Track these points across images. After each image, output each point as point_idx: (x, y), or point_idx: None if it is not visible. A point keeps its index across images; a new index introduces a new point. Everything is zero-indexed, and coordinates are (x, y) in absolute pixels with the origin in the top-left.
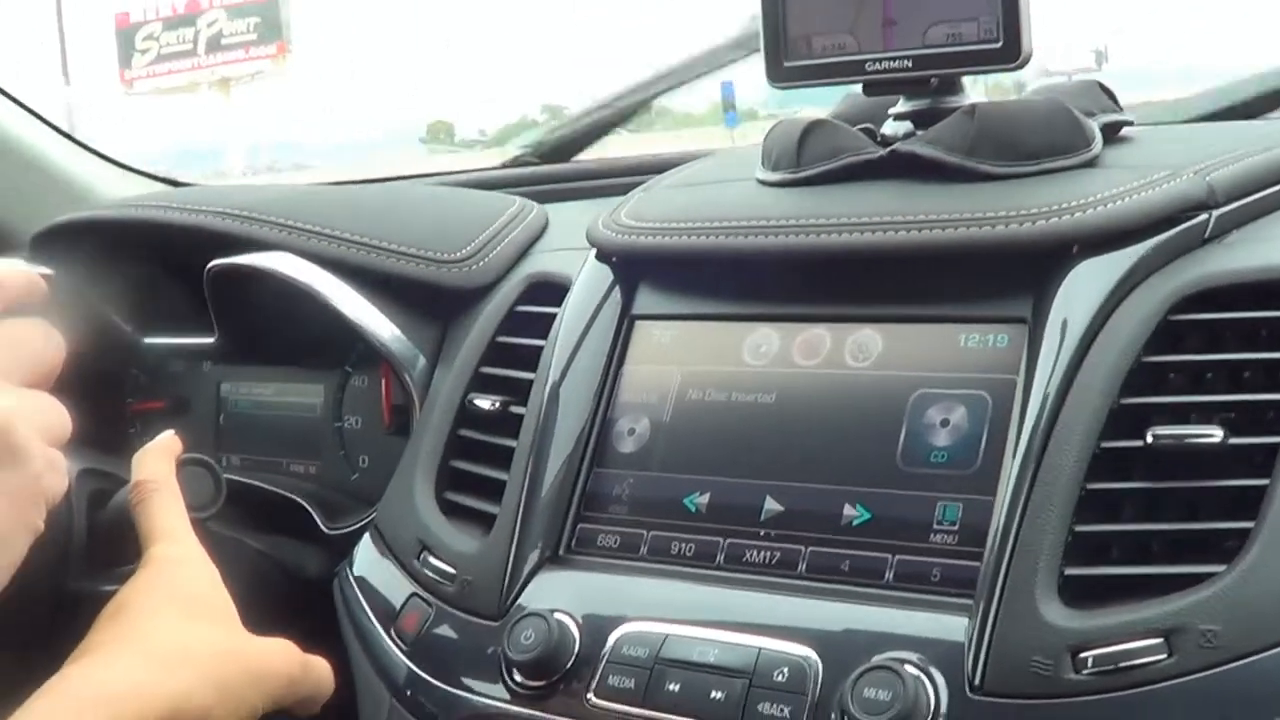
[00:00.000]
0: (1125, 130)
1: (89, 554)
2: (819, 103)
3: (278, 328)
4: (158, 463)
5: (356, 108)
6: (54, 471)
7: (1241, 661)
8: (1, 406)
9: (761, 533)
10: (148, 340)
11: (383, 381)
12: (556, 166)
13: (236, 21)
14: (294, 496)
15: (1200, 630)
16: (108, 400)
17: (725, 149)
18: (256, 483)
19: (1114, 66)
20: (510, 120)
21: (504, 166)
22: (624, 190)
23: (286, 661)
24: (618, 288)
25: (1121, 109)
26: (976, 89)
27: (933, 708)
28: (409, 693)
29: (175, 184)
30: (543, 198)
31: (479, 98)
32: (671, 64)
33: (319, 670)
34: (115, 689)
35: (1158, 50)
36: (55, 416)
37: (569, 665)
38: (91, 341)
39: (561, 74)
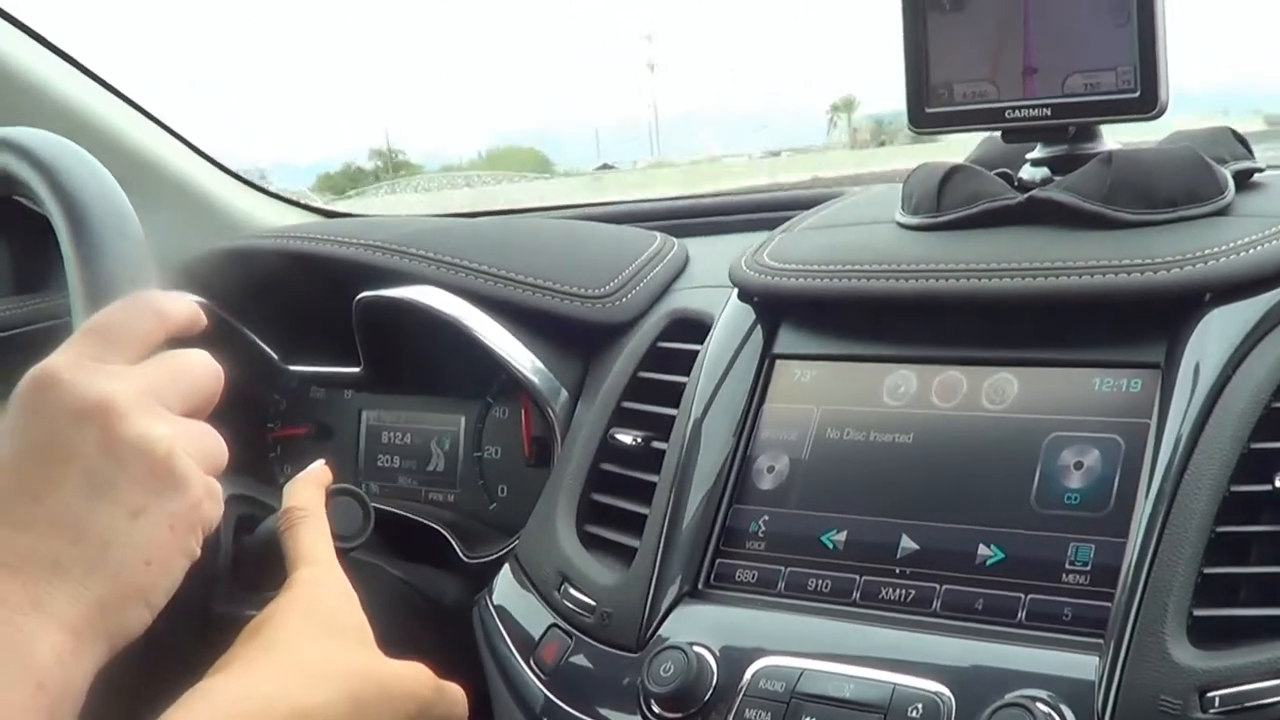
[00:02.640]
0: (1256, 176)
1: (235, 578)
2: None
3: (421, 358)
4: (308, 491)
5: None
6: (211, 499)
7: None
8: (164, 435)
9: (897, 570)
10: (293, 368)
11: (523, 413)
12: (693, 201)
13: None
14: (434, 525)
15: None
16: (251, 426)
17: (864, 189)
18: (399, 511)
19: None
20: (334, 168)
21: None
22: (762, 225)
23: (421, 684)
24: (759, 327)
25: (1253, 155)
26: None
27: None
28: None
29: (327, 214)
30: (679, 231)
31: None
32: None
33: (453, 695)
34: (250, 701)
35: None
36: (213, 445)
37: (707, 698)
38: (240, 369)
39: (387, 118)
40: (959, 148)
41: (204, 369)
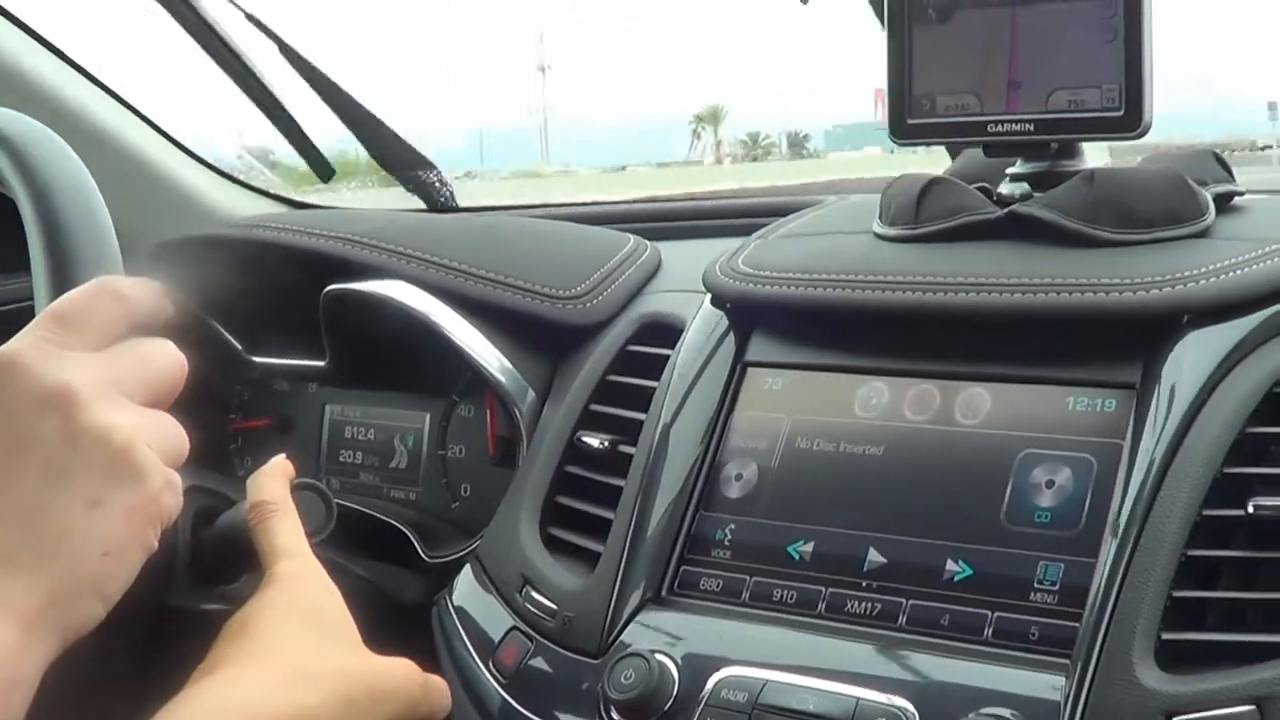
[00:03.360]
0: (1236, 200)
1: (193, 571)
2: None
3: (387, 354)
4: (273, 484)
5: None
6: (171, 491)
7: None
8: (124, 424)
9: (864, 584)
10: (257, 359)
11: (488, 412)
12: (669, 204)
13: None
14: (395, 522)
15: None
16: (211, 416)
17: (842, 199)
18: (360, 507)
19: None
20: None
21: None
22: (736, 230)
23: (409, 680)
24: (731, 333)
25: (1234, 179)
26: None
27: None
28: None
29: (294, 204)
30: (654, 235)
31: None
32: None
33: (438, 690)
34: (241, 706)
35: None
36: (174, 437)
37: (667, 706)
38: (203, 359)
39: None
40: (842, 169)
41: (168, 359)
